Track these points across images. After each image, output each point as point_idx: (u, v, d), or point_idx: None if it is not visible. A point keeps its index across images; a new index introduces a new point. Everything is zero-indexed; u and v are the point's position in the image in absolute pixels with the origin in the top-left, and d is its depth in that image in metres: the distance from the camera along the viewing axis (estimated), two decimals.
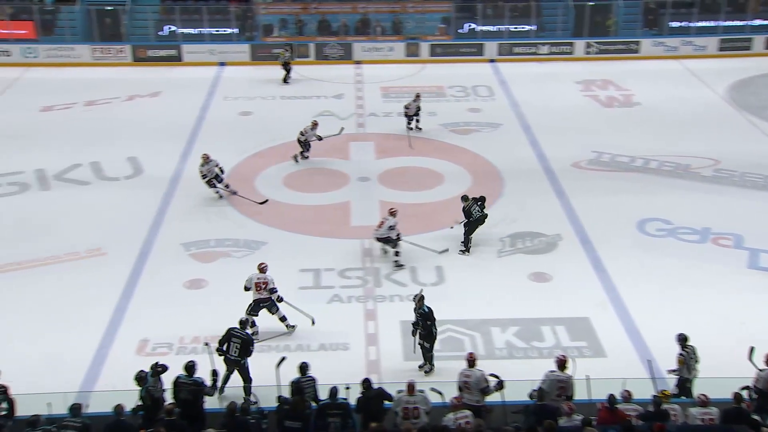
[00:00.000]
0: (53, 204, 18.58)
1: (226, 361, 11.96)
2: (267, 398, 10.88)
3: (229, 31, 30.11)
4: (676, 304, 14.52)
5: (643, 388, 11.06)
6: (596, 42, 30.22)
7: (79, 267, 15.92)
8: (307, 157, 20.71)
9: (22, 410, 10.72)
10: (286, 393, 10.79)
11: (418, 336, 12.72)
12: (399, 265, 15.91)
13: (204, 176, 18.54)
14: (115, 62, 29.14)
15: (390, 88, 26.83)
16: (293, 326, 13.86)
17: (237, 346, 11.82)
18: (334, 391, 10.47)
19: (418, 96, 22.73)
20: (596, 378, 11.05)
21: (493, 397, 10.86)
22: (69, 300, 14.73)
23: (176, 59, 29.40)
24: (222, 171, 18.77)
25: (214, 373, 11.10)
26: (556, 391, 10.79)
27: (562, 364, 11.01)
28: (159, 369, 11.02)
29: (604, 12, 30.99)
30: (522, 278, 15.58)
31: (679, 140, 22.11)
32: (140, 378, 10.95)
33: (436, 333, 12.70)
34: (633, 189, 19.35)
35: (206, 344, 12.12)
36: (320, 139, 20.61)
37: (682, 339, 11.66)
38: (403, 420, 10.26)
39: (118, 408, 10.15)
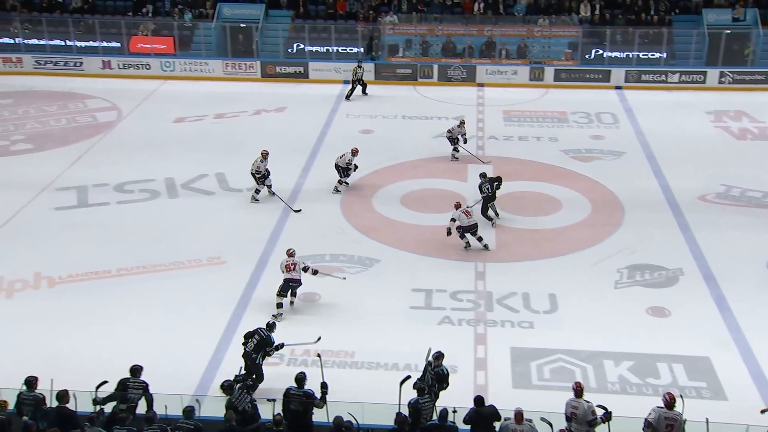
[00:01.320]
0: (179, 212, 19.36)
1: (243, 354, 12.62)
2: (382, 415, 10.88)
3: (355, 50, 30.70)
4: None
5: None
6: (731, 71, 29.04)
7: (200, 273, 16.49)
8: (347, 184, 20.37)
9: (139, 408, 11.21)
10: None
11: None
12: (486, 247, 17.08)
13: (258, 171, 19.42)
14: (245, 77, 30.22)
15: (512, 111, 26.64)
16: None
17: (255, 341, 12.59)
18: (444, 414, 10.45)
19: (462, 122, 22.35)
20: (716, 422, 10.55)
21: (601, 429, 10.54)
22: (189, 305, 15.26)
23: (303, 76, 30.20)
24: (269, 173, 19.56)
25: (324, 385, 11.25)
26: (664, 429, 10.36)
27: (669, 404, 10.53)
28: (237, 383, 11.28)
29: (742, 41, 29.76)
30: (639, 311, 15.07)
31: None
32: (228, 387, 11.28)
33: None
34: (764, 225, 18.43)
35: (318, 355, 12.35)
36: (356, 168, 20.31)
37: None
38: None
39: (229, 415, 10.47)
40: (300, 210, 19.24)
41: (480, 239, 17.22)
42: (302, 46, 30.90)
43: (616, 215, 19.01)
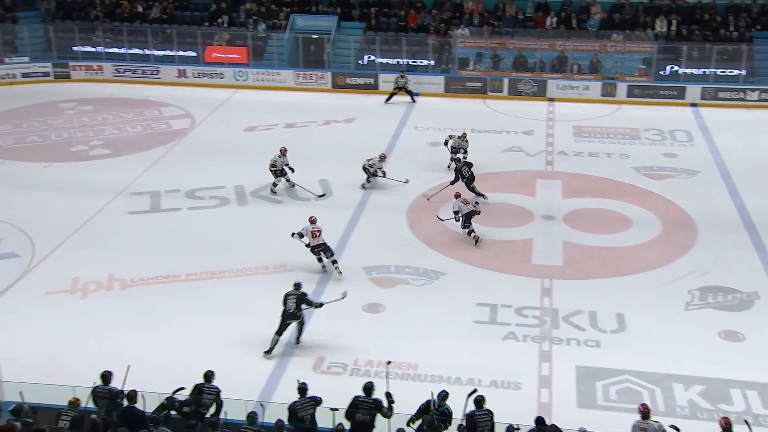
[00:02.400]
0: (248, 219, 19.65)
1: (284, 315, 14.01)
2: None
3: (425, 62, 30.76)
4: None
5: None
6: None
7: (267, 280, 16.68)
8: (370, 182, 21.26)
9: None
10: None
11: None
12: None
13: (273, 165, 20.68)
14: (316, 88, 30.56)
15: (582, 127, 26.29)
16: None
17: (293, 301, 14.07)
18: (510, 429, 10.33)
19: (464, 135, 22.44)
20: None
21: None
22: (255, 311, 15.44)
23: (373, 87, 30.38)
24: (292, 170, 20.89)
25: (389, 395, 11.23)
26: None
27: (645, 414, 10.72)
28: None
29: None
30: (711, 335, 14.66)
31: None
32: (302, 389, 11.44)
33: None
34: None
35: (389, 362, 12.32)
36: (384, 174, 21.15)
37: None
38: None
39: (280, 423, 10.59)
40: (324, 195, 20.50)
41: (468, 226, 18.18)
42: (373, 57, 31.10)
43: (688, 235, 18.56)
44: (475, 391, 11.34)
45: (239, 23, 32.67)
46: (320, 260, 16.89)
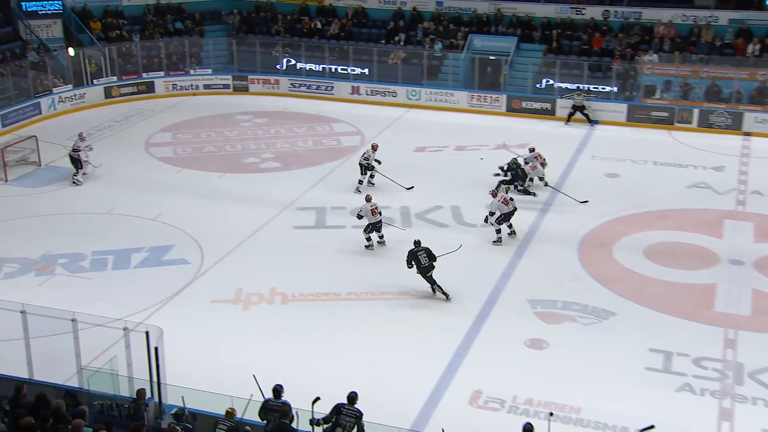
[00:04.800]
0: (412, 241, 19.77)
1: (423, 271, 16.60)
2: None
3: (608, 89, 29.98)
4: None
5: None
6: None
7: (427, 306, 16.76)
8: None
9: None
10: None
11: None
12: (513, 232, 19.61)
13: (366, 159, 22.50)
14: (490, 110, 30.51)
15: None
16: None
17: (424, 255, 16.67)
18: None
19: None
20: None
21: None
22: (412, 337, 15.53)
23: (549, 113, 29.96)
24: (378, 162, 22.62)
25: None
26: None
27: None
28: None
29: None
30: None
31: None
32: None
33: None
34: None
35: (551, 414, 11.67)
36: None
37: None
38: None
39: None
40: (412, 187, 22.43)
41: (510, 226, 19.48)
42: (551, 81, 30.68)
43: None
44: (652, 426, 10.73)
45: (416, 42, 33.23)
46: (369, 239, 19.15)
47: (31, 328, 12.66)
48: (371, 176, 22.93)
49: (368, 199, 19.16)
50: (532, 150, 23.22)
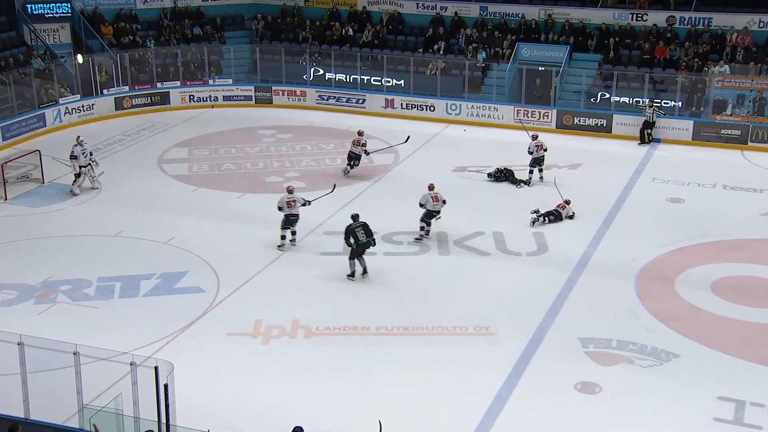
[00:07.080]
0: (449, 271, 19.79)
1: (359, 247, 18.59)
2: None
3: (671, 103, 29.83)
4: None
5: None
6: None
7: (465, 343, 16.69)
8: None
9: None
10: None
11: None
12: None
13: (363, 146, 25.33)
14: (538, 127, 30.28)
15: None
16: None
17: (362, 231, 18.64)
18: None
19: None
20: None
21: None
22: (448, 377, 15.46)
23: (605, 130, 29.88)
24: (366, 153, 25.62)
25: None
26: None
27: None
28: None
29: None
30: None
31: None
32: None
33: None
34: None
35: None
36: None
37: None
38: None
39: None
40: (408, 138, 25.85)
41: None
42: (607, 95, 30.59)
43: None
44: None
45: (457, 51, 33.35)
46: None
47: (29, 361, 12.80)
48: (355, 165, 25.62)
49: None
50: (535, 137, 25.26)
